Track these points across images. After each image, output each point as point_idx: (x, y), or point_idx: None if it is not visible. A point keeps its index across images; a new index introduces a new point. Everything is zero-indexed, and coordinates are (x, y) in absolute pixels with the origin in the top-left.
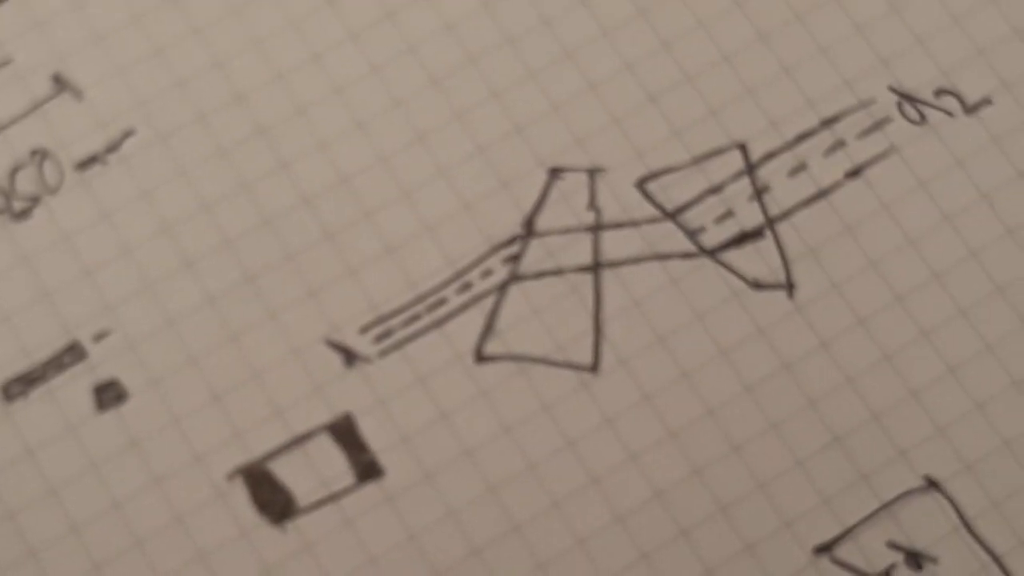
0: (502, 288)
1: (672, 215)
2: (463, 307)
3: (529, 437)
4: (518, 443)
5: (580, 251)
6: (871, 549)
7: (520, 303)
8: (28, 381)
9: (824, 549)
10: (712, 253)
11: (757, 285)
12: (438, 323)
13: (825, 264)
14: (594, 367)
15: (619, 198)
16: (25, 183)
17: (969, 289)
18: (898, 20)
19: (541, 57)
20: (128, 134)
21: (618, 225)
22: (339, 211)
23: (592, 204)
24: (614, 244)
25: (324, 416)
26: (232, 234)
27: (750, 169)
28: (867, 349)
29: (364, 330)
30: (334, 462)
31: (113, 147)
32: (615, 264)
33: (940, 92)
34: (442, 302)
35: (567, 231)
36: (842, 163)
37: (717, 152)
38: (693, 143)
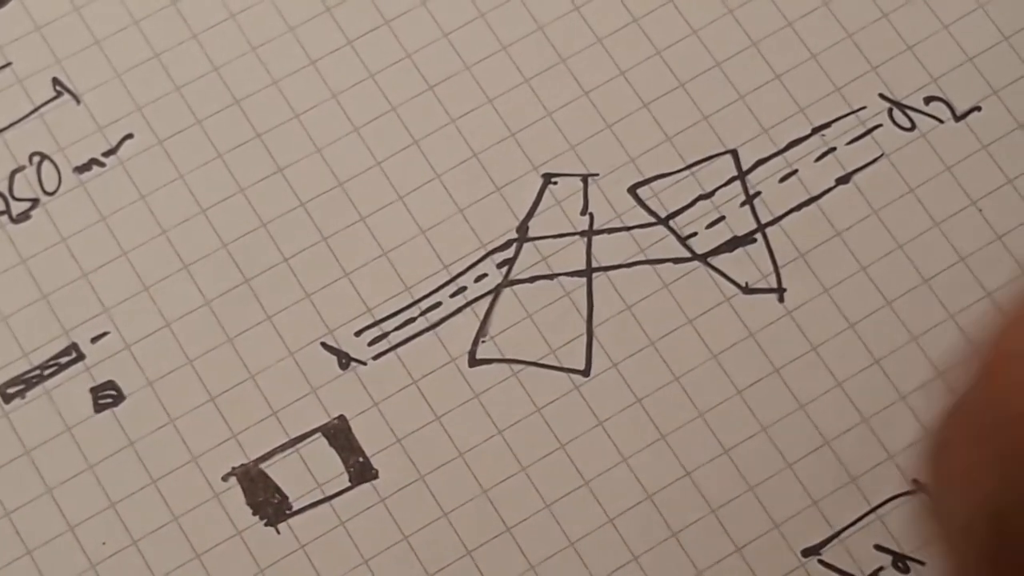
0: (496, 292)
1: (664, 220)
2: (457, 311)
3: (521, 440)
4: (510, 446)
5: (573, 256)
6: (859, 552)
7: (513, 307)
8: (26, 382)
9: (812, 552)
10: (704, 258)
11: (748, 290)
12: (432, 326)
13: (815, 269)
14: (586, 370)
15: (612, 203)
16: (24, 186)
17: (958, 294)
18: (888, 28)
19: (535, 64)
20: (126, 138)
21: (611, 230)
22: (335, 215)
23: (585, 209)
24: (607, 249)
25: (319, 418)
26: (228, 237)
27: (742, 175)
28: (857, 353)
29: (359, 333)
30: (328, 464)
31: (111, 151)
32: (608, 268)
33: (930, 99)
34: (436, 306)
35: (560, 236)
36: (833, 169)
37: (709, 158)
38: (685, 149)
